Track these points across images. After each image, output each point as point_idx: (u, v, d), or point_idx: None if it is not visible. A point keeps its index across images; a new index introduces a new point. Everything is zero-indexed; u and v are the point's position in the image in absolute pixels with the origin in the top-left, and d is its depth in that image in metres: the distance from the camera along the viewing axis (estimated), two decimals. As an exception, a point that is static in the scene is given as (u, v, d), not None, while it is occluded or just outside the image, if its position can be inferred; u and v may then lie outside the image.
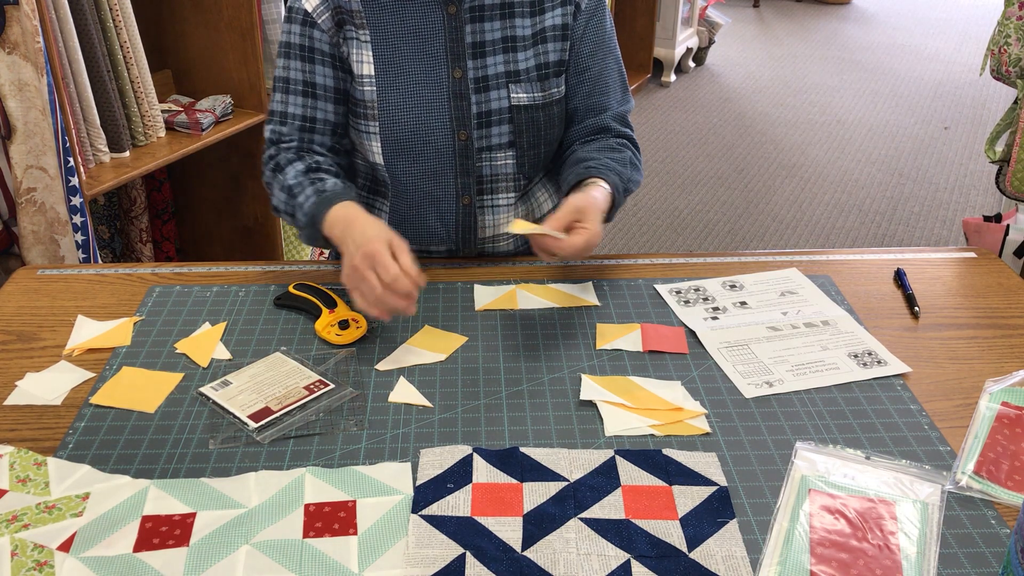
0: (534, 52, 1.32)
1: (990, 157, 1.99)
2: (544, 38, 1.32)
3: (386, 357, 1.14)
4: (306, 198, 1.23)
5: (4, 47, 1.66)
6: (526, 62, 1.31)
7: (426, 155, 1.32)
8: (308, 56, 1.29)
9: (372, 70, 1.29)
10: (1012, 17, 1.90)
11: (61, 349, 1.15)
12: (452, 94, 1.30)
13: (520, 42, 1.31)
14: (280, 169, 1.30)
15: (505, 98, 1.31)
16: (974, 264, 1.38)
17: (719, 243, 3.25)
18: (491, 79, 1.30)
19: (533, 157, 1.36)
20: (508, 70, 1.31)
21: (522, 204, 1.41)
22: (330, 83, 1.31)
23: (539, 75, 1.32)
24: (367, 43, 1.28)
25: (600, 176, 1.26)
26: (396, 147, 1.32)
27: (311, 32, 1.28)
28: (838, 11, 6.36)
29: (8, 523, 0.87)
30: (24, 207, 1.77)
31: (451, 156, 1.32)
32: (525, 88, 1.32)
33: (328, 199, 1.21)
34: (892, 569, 0.83)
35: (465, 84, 1.30)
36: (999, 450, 0.98)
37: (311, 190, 1.24)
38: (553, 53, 1.33)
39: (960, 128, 4.33)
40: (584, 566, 0.83)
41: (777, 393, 1.08)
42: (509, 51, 1.31)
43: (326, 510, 0.89)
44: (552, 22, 1.32)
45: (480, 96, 1.30)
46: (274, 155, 1.32)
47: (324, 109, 1.32)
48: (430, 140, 1.31)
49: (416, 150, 1.32)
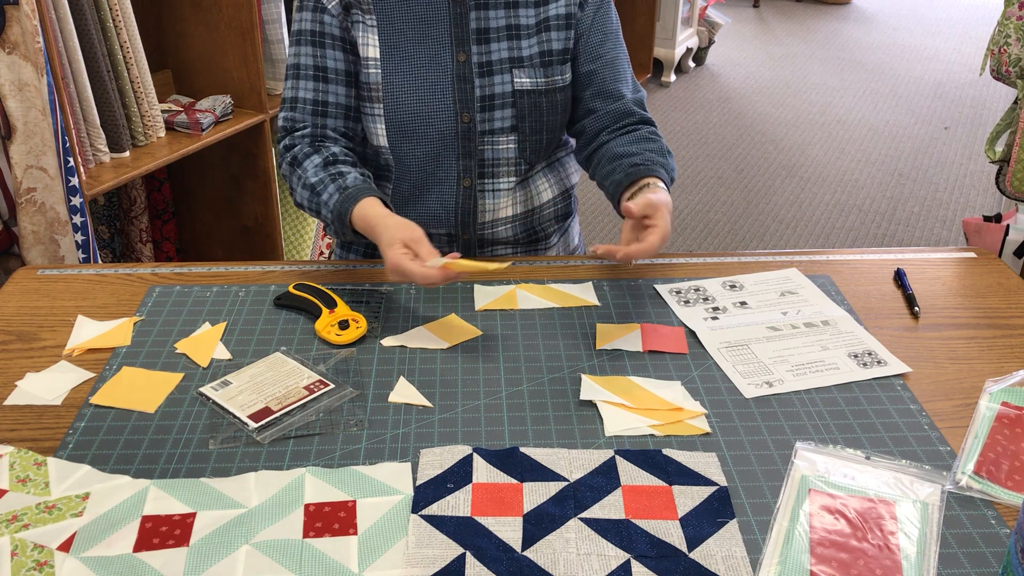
0: (538, 40, 1.33)
1: (990, 157, 1.99)
2: (548, 27, 1.34)
3: (395, 335, 1.17)
4: (329, 196, 1.26)
5: (4, 47, 1.66)
6: (530, 49, 1.33)
7: (429, 137, 1.34)
8: (319, 41, 1.32)
9: (377, 53, 1.31)
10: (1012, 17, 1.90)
11: (61, 349, 1.15)
12: (456, 77, 1.31)
13: (524, 30, 1.33)
14: (298, 163, 1.31)
15: (509, 82, 1.33)
16: (974, 264, 1.38)
17: (719, 243, 3.25)
18: (495, 64, 1.32)
19: (535, 143, 1.37)
20: (512, 56, 1.33)
21: (521, 189, 1.41)
22: (341, 66, 1.33)
23: (542, 62, 1.34)
24: (373, 27, 1.31)
25: (653, 175, 1.27)
26: (400, 129, 1.33)
27: (321, 17, 1.31)
28: (838, 11, 6.36)
29: (8, 523, 0.87)
30: (24, 207, 1.77)
31: (453, 138, 1.34)
32: (528, 73, 1.33)
33: (351, 196, 1.24)
34: (892, 569, 0.83)
35: (469, 67, 1.32)
36: (999, 450, 0.98)
37: (333, 188, 1.26)
38: (557, 41, 1.34)
39: (960, 128, 4.33)
40: (584, 566, 0.83)
41: (777, 393, 1.08)
42: (513, 38, 1.33)
43: (326, 510, 0.89)
44: (556, 11, 1.34)
45: (484, 80, 1.32)
46: (290, 146, 1.34)
47: (336, 92, 1.33)
48: (433, 122, 1.33)
49: (419, 132, 1.33)
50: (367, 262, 1.38)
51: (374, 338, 1.17)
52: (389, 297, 1.26)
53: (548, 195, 1.46)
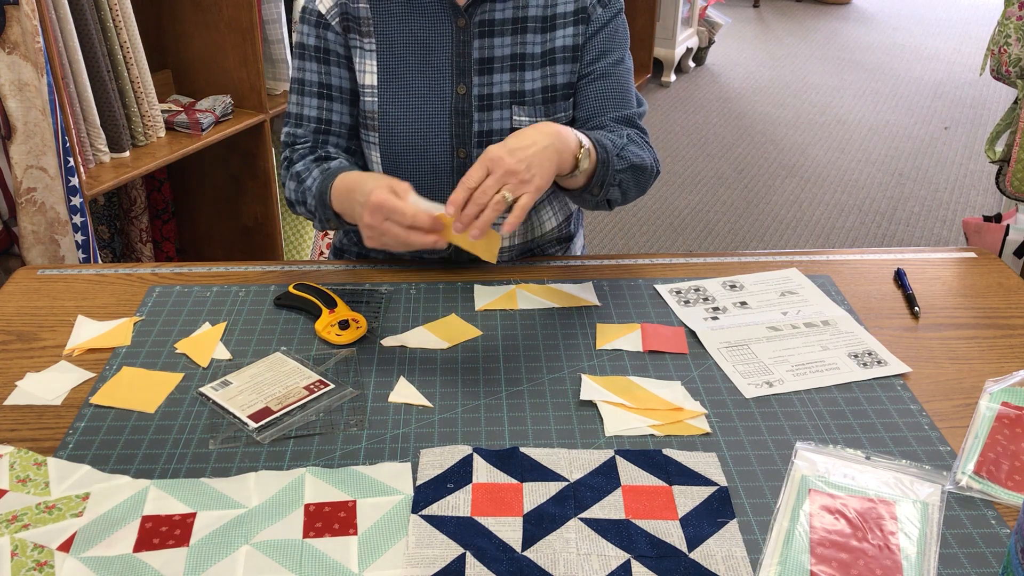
0: (542, 73, 1.29)
1: (990, 157, 1.99)
2: (553, 59, 1.29)
3: (395, 335, 1.17)
4: (312, 180, 1.24)
5: (4, 47, 1.66)
6: (533, 83, 1.28)
7: (424, 171, 1.31)
8: (323, 58, 1.29)
9: (375, 80, 1.28)
10: (1012, 17, 1.90)
11: (61, 349, 1.15)
12: (454, 111, 1.28)
13: (529, 60, 1.28)
14: (292, 164, 1.31)
15: (507, 119, 1.29)
16: (974, 264, 1.38)
17: (719, 243, 3.25)
18: (495, 98, 1.28)
19: None
20: (514, 90, 1.28)
21: (521, 225, 1.38)
22: (345, 84, 1.31)
23: (544, 98, 1.30)
24: (371, 52, 1.28)
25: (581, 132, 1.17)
26: (395, 160, 1.31)
27: (325, 34, 1.28)
28: (838, 11, 6.36)
29: (8, 523, 0.87)
30: (24, 207, 1.77)
31: (449, 174, 1.31)
32: (528, 112, 1.29)
33: (331, 173, 1.20)
34: (892, 569, 0.83)
35: (468, 101, 1.28)
36: (999, 450, 0.98)
37: (316, 171, 1.24)
38: (561, 75, 1.30)
39: (960, 128, 4.33)
40: (584, 566, 0.83)
41: (777, 393, 1.08)
42: (517, 69, 1.28)
43: (326, 510, 0.89)
44: (563, 42, 1.28)
45: (482, 115, 1.28)
46: (289, 156, 1.33)
47: (340, 111, 1.32)
48: (428, 156, 1.30)
49: (414, 165, 1.30)
50: (367, 262, 1.38)
51: (374, 338, 1.17)
52: (389, 297, 1.26)
53: (551, 224, 1.43)
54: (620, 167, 1.22)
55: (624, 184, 1.25)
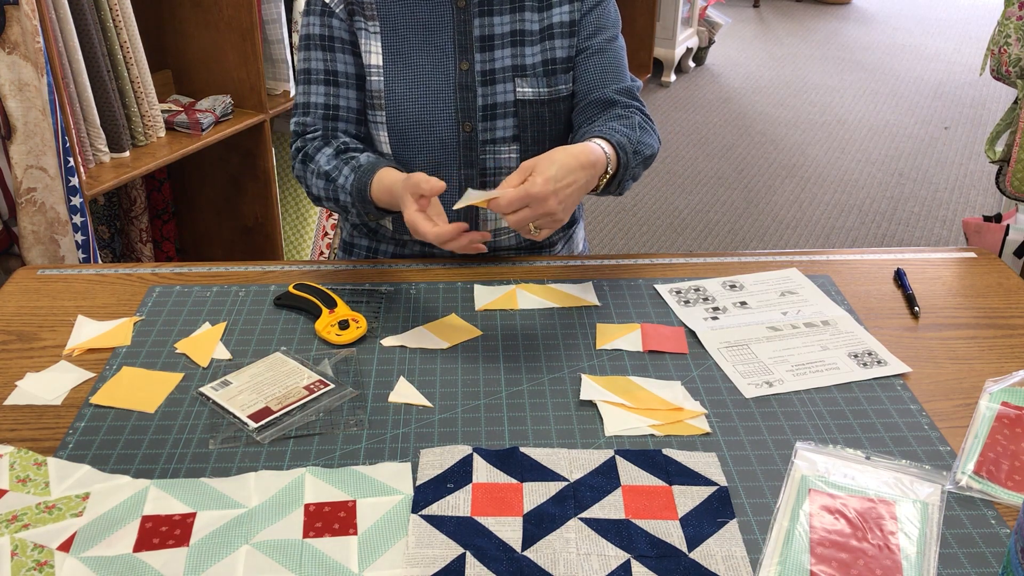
0: (541, 48, 1.33)
1: (990, 157, 1.99)
2: (551, 34, 1.33)
3: (395, 335, 1.17)
4: (345, 178, 1.26)
5: (4, 47, 1.66)
6: (533, 57, 1.33)
7: (431, 146, 1.33)
8: (328, 45, 1.32)
9: (380, 60, 1.31)
10: (1012, 17, 1.90)
11: (61, 349, 1.15)
12: (458, 86, 1.31)
13: (528, 36, 1.32)
14: (310, 159, 1.32)
15: (511, 91, 1.33)
16: (974, 264, 1.38)
17: (719, 243, 3.25)
18: (498, 72, 1.32)
19: (537, 153, 1.36)
20: (515, 64, 1.32)
21: None
22: (351, 70, 1.33)
23: (545, 71, 1.33)
24: (376, 34, 1.31)
25: (600, 136, 1.23)
26: (402, 137, 1.33)
27: (330, 21, 1.31)
28: (838, 11, 6.36)
29: (8, 523, 0.87)
30: (24, 207, 1.77)
31: (455, 147, 1.34)
32: (531, 83, 1.33)
33: (367, 171, 1.24)
34: (892, 569, 0.83)
35: (472, 76, 1.31)
36: (999, 450, 0.98)
37: (347, 169, 1.27)
38: (560, 49, 1.34)
39: (960, 128, 4.33)
40: (584, 566, 0.83)
41: (777, 393, 1.08)
42: (517, 45, 1.32)
43: (326, 510, 0.89)
44: (559, 18, 1.33)
45: (486, 89, 1.32)
46: (301, 147, 1.34)
47: (347, 96, 1.34)
48: (435, 130, 1.32)
49: (421, 140, 1.33)
50: (367, 262, 1.38)
51: (374, 338, 1.17)
52: (389, 297, 1.26)
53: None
54: (636, 163, 1.28)
55: (636, 175, 1.31)
